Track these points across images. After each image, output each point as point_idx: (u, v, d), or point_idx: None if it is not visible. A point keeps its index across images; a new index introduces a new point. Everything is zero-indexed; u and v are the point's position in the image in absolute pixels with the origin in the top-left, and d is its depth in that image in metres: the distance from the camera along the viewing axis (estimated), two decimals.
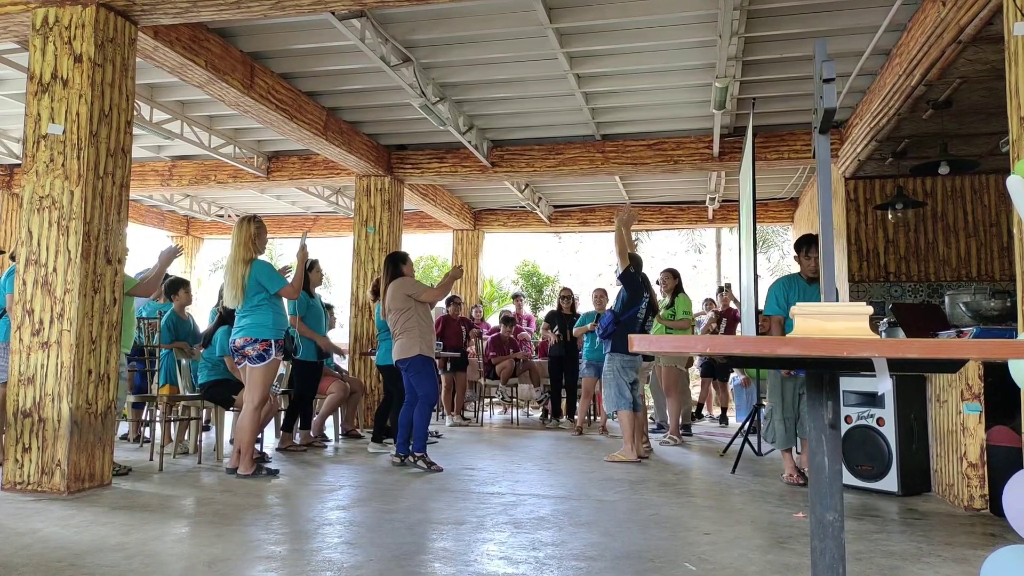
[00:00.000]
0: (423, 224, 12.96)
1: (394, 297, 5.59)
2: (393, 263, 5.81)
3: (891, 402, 4.73)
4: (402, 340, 5.52)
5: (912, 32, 5.47)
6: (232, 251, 5.03)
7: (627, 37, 6.03)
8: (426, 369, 5.50)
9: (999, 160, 7.36)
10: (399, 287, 5.61)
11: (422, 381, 5.46)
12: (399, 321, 5.53)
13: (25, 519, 3.68)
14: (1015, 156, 3.47)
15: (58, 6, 4.62)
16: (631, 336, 1.54)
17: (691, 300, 7.74)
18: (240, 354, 4.96)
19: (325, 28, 5.88)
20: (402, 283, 5.64)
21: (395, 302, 5.57)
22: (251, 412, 4.96)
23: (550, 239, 26.18)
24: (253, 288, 4.95)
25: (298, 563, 2.99)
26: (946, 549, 3.39)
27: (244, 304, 4.97)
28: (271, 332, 4.94)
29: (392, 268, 5.77)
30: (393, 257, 5.90)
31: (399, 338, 5.55)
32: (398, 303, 5.56)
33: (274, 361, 4.97)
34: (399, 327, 5.54)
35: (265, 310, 4.96)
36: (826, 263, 1.99)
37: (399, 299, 5.56)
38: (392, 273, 5.74)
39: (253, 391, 4.96)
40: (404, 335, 5.50)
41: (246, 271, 4.95)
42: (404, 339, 5.51)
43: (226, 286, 5.03)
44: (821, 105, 1.91)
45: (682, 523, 3.84)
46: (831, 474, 1.74)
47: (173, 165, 9.96)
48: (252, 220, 5.09)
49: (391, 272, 5.75)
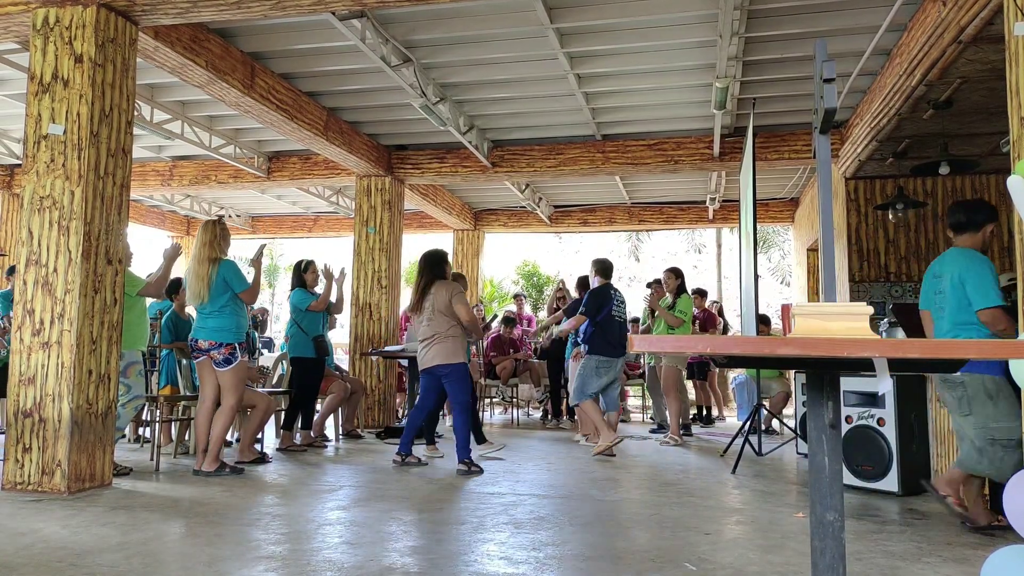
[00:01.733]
0: (423, 224, 12.96)
1: (446, 303, 5.42)
2: (437, 263, 5.61)
3: (891, 402, 4.73)
4: (446, 345, 5.41)
5: (913, 32, 5.47)
6: (196, 251, 5.14)
7: (627, 37, 6.03)
8: (467, 376, 5.54)
9: (999, 160, 7.36)
10: (455, 296, 5.45)
11: (463, 388, 5.46)
12: (442, 325, 5.41)
13: (25, 519, 3.68)
14: (1015, 156, 3.47)
15: (59, 6, 4.62)
16: (631, 336, 1.54)
17: (691, 301, 7.74)
18: (204, 354, 5.07)
19: (325, 28, 5.88)
20: (459, 296, 5.49)
21: (445, 307, 5.42)
22: (227, 411, 5.10)
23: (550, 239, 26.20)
24: (219, 288, 5.06)
25: (298, 563, 2.99)
26: (946, 549, 3.39)
27: (209, 304, 5.06)
28: (234, 335, 5.08)
29: (435, 268, 5.58)
30: (436, 257, 5.65)
31: (442, 342, 5.41)
32: (446, 309, 5.42)
33: (241, 363, 5.10)
34: (443, 330, 5.41)
35: (229, 313, 5.08)
36: (826, 263, 1.99)
37: (448, 305, 5.43)
38: (435, 273, 5.56)
39: (227, 394, 5.10)
40: (448, 340, 5.41)
41: (213, 270, 5.04)
42: (449, 344, 5.41)
43: (189, 283, 5.11)
44: (821, 105, 1.91)
45: (682, 523, 3.84)
46: (831, 474, 1.74)
47: (174, 165, 9.96)
48: (218, 223, 5.26)
49: (434, 272, 5.56)
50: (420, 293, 5.52)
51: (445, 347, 5.40)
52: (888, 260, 8.33)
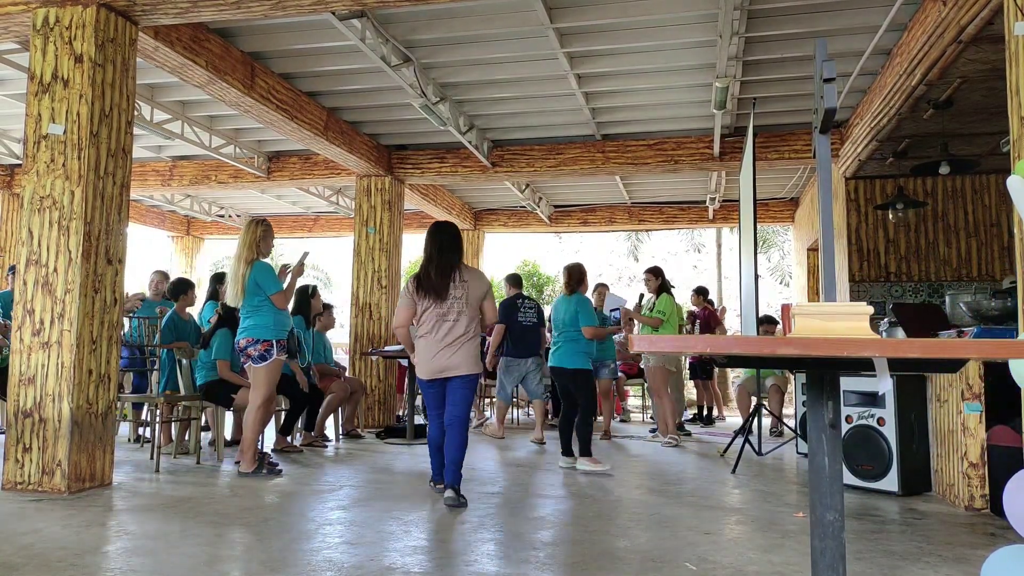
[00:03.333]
0: (424, 224, 12.93)
1: (481, 296, 4.38)
2: (459, 241, 4.46)
3: (891, 402, 4.73)
4: (473, 348, 4.37)
5: (913, 32, 5.47)
6: (237, 249, 5.14)
7: (627, 37, 6.03)
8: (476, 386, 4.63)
9: (1000, 160, 7.36)
10: (490, 290, 4.47)
11: (469, 398, 4.46)
12: (470, 323, 4.30)
13: (26, 519, 3.68)
14: (1015, 156, 3.47)
15: (59, 6, 4.62)
16: (630, 336, 1.54)
17: (672, 300, 7.51)
18: (244, 354, 5.04)
19: (325, 28, 5.88)
20: (491, 290, 4.51)
21: (478, 300, 4.37)
22: (255, 411, 5.03)
23: (550, 239, 26.19)
24: (252, 289, 5.03)
25: (298, 563, 2.99)
26: (946, 549, 3.39)
27: (245, 304, 5.07)
28: (272, 332, 5.02)
29: (459, 247, 4.43)
30: (458, 233, 4.47)
31: (470, 343, 4.33)
32: (478, 303, 4.38)
33: (276, 361, 5.05)
34: (472, 330, 4.32)
35: (267, 311, 5.04)
36: (826, 263, 1.99)
37: (482, 299, 4.40)
38: (460, 253, 4.41)
39: (256, 390, 5.04)
40: (475, 342, 4.39)
41: (247, 271, 5.02)
42: (475, 348, 4.39)
43: (229, 283, 5.13)
44: (822, 105, 1.91)
45: (683, 523, 3.84)
46: (831, 474, 1.74)
47: (174, 165, 9.96)
48: (261, 223, 5.23)
49: (459, 252, 4.41)
50: (442, 275, 4.26)
51: (473, 351, 4.29)
52: (888, 260, 8.33)
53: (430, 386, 4.36)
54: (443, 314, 4.26)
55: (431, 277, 4.29)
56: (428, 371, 4.29)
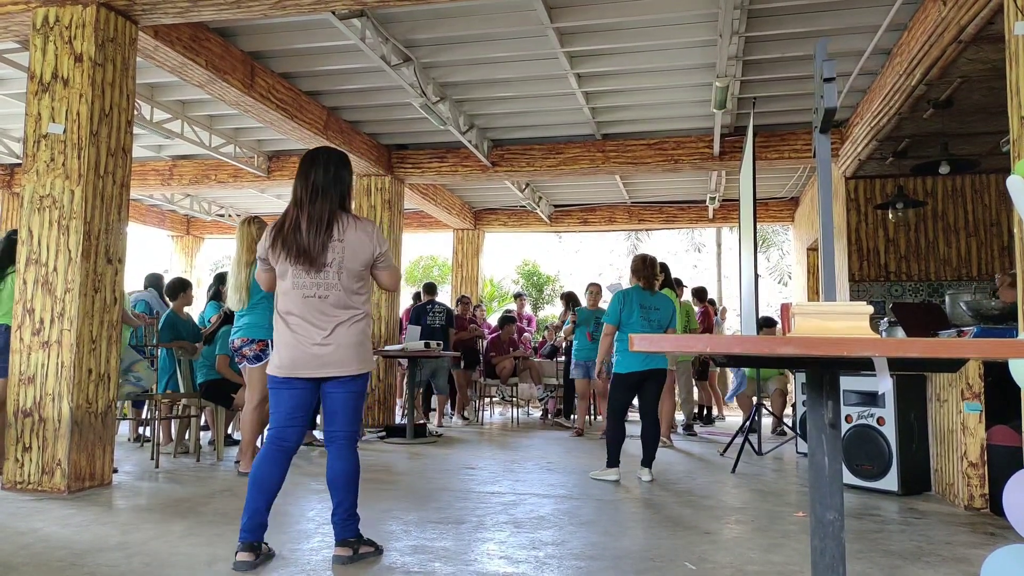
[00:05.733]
0: (423, 224, 12.96)
1: (369, 257, 3.11)
2: (345, 168, 3.15)
3: (891, 401, 4.73)
4: (365, 337, 3.44)
5: (913, 31, 5.47)
6: (236, 254, 5.06)
7: (627, 37, 6.03)
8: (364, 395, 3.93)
9: (1000, 160, 7.36)
10: (387, 247, 3.25)
11: (360, 408, 3.69)
12: (354, 297, 3.09)
13: (26, 518, 3.68)
14: (1015, 156, 3.47)
15: (59, 6, 4.62)
16: (630, 336, 1.54)
17: (676, 297, 7.44)
18: (239, 354, 5.01)
19: (325, 28, 5.88)
20: (388, 248, 3.32)
21: (365, 264, 3.11)
22: (251, 411, 5.00)
23: (550, 239, 26.18)
24: (255, 288, 4.99)
25: (298, 563, 2.99)
26: (946, 548, 3.39)
27: (246, 304, 5.02)
28: (267, 332, 4.96)
29: (344, 178, 3.12)
30: (331, 156, 3.14)
31: (356, 328, 3.13)
32: (365, 266, 3.14)
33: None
34: (358, 308, 3.10)
35: (262, 310, 4.99)
36: (826, 263, 1.99)
37: (371, 263, 3.16)
38: (341, 191, 3.10)
39: (252, 390, 5.00)
40: (365, 325, 3.24)
41: (249, 273, 4.97)
42: (366, 335, 3.45)
43: (231, 289, 5.05)
44: (822, 105, 1.91)
45: (682, 522, 3.84)
46: (831, 473, 1.74)
47: (173, 164, 9.96)
48: (254, 221, 5.14)
49: (340, 189, 3.10)
50: (316, 230, 2.99)
51: (357, 339, 3.07)
52: (888, 260, 8.33)
53: (287, 386, 3.04)
54: (311, 284, 2.99)
55: (300, 232, 2.98)
56: (283, 364, 3.02)
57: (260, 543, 2.98)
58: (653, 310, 5.21)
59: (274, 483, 3.00)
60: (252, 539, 2.94)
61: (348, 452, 3.07)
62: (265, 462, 3.00)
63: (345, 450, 3.06)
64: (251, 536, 2.94)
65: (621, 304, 5.20)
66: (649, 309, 5.20)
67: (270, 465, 3.00)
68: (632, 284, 5.37)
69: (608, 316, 5.29)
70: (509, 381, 9.57)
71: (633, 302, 5.19)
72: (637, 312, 5.16)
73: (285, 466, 3.04)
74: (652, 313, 5.20)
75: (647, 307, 5.20)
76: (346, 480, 3.05)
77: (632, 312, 5.17)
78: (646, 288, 5.25)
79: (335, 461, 3.06)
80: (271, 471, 2.99)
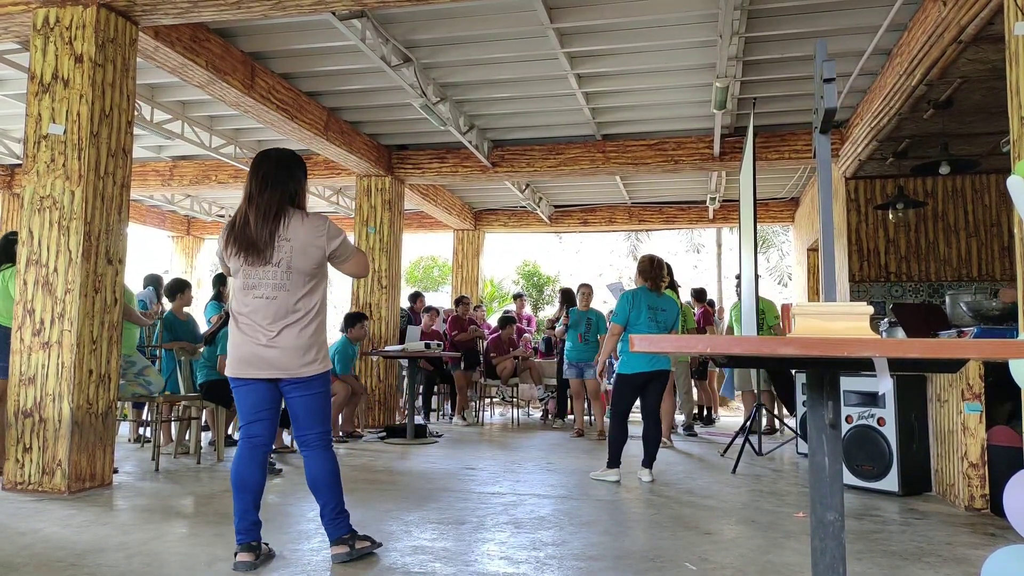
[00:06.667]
0: (424, 224, 12.96)
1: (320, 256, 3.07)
2: (293, 165, 3.17)
3: (892, 402, 4.73)
4: (319, 337, 3.30)
5: (913, 32, 5.47)
6: None
7: (627, 37, 6.03)
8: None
9: (1000, 160, 7.36)
10: (342, 240, 3.18)
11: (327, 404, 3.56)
12: (306, 298, 3.05)
13: (26, 519, 3.68)
14: (1016, 156, 3.47)
15: (59, 6, 4.62)
16: (631, 337, 1.54)
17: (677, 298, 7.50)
18: None
19: (326, 28, 5.88)
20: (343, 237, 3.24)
21: (317, 261, 3.07)
22: None
23: (551, 239, 26.20)
24: None
25: (298, 563, 2.99)
26: (946, 549, 3.39)
27: None
28: None
29: (292, 175, 3.12)
30: (280, 155, 3.19)
31: (311, 328, 3.09)
32: (317, 263, 3.10)
33: None
34: (311, 308, 3.05)
35: None
36: (826, 263, 1.99)
37: (323, 258, 3.13)
38: (288, 187, 3.09)
39: None
40: (318, 325, 3.23)
41: None
42: (322, 335, 3.33)
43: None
44: (822, 105, 1.92)
45: (683, 523, 3.84)
46: (831, 474, 1.74)
47: (174, 165, 9.96)
48: None
49: (287, 186, 3.09)
50: (263, 222, 2.99)
51: (307, 341, 3.00)
52: (888, 260, 8.33)
53: (243, 384, 2.99)
54: (258, 284, 2.96)
55: (248, 225, 2.98)
56: (233, 364, 2.99)
57: (258, 543, 2.98)
58: (660, 311, 5.21)
59: (254, 481, 3.00)
60: (248, 539, 2.95)
61: (322, 453, 3.05)
62: (240, 462, 3.01)
63: (319, 452, 3.04)
64: (247, 537, 2.95)
65: (630, 305, 5.20)
66: (656, 310, 5.20)
67: (246, 464, 3.00)
68: (638, 285, 5.36)
69: (616, 316, 5.29)
70: (509, 381, 9.57)
71: (641, 303, 5.18)
72: (645, 313, 5.16)
73: (262, 462, 3.03)
74: (660, 314, 5.20)
75: (655, 308, 5.20)
76: (326, 481, 3.04)
77: (640, 313, 5.16)
78: (652, 289, 5.25)
79: (311, 464, 3.05)
80: (248, 470, 2.99)
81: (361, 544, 3.06)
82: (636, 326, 5.14)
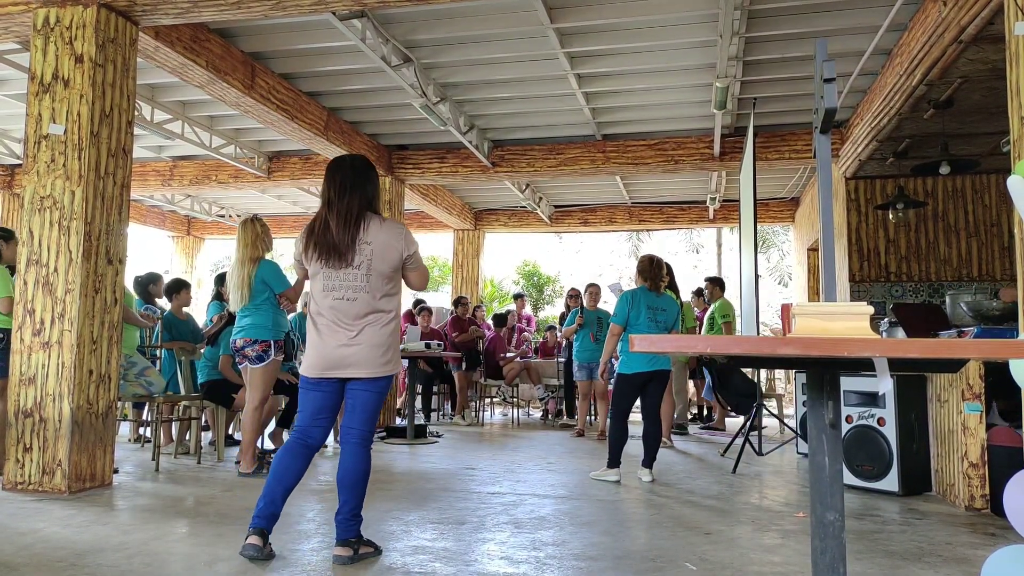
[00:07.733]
0: (424, 224, 12.96)
1: (398, 258, 3.14)
2: (369, 174, 3.20)
3: (892, 402, 4.73)
4: (394, 339, 3.55)
5: (913, 32, 5.47)
6: (239, 252, 5.03)
7: (627, 37, 6.03)
8: None
9: (1000, 160, 7.36)
10: (416, 248, 3.30)
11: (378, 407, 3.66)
12: (386, 299, 3.16)
13: (26, 519, 3.68)
14: (1016, 156, 3.47)
15: (59, 6, 4.62)
16: (631, 336, 1.54)
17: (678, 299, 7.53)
18: (240, 354, 5.00)
19: (326, 28, 5.88)
20: (417, 247, 3.38)
21: (394, 265, 3.15)
22: (251, 412, 5.01)
23: (551, 239, 26.19)
24: (259, 287, 4.98)
25: (298, 563, 2.99)
26: (947, 549, 3.39)
27: (248, 304, 4.99)
28: (271, 333, 4.97)
29: (369, 183, 3.18)
30: (353, 162, 3.20)
31: (387, 329, 3.21)
32: (395, 267, 3.18)
33: (274, 361, 5.00)
34: (388, 310, 3.17)
35: (266, 311, 4.99)
36: (826, 263, 1.99)
37: (400, 263, 3.20)
38: (368, 194, 3.16)
39: (253, 391, 5.00)
40: (394, 327, 3.37)
41: (253, 270, 4.97)
42: (396, 336, 3.57)
43: (232, 288, 5.04)
44: (822, 105, 1.92)
45: (683, 523, 3.84)
46: (831, 474, 1.74)
47: (174, 165, 9.96)
48: (255, 220, 5.14)
49: (367, 192, 3.16)
50: (344, 226, 3.05)
51: (382, 341, 3.09)
52: (888, 260, 8.33)
53: (315, 387, 3.09)
54: (339, 286, 3.04)
55: (330, 229, 3.04)
56: (312, 366, 3.07)
57: (269, 533, 3.01)
58: (660, 311, 5.20)
59: (293, 474, 3.05)
60: (263, 525, 2.98)
61: (360, 452, 3.09)
62: (287, 454, 3.06)
63: (358, 450, 3.09)
64: (262, 523, 2.98)
65: (629, 305, 5.19)
66: (656, 310, 5.19)
67: (292, 457, 3.06)
68: (638, 285, 5.35)
69: (616, 317, 5.28)
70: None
71: (641, 303, 5.18)
72: (645, 313, 5.15)
73: (307, 461, 3.10)
74: (659, 314, 5.20)
75: (654, 308, 5.19)
76: (353, 480, 3.06)
77: (640, 313, 5.15)
78: (652, 289, 5.24)
79: (347, 460, 3.08)
80: (292, 463, 3.05)
81: (365, 550, 3.09)
82: (636, 326, 5.14)
